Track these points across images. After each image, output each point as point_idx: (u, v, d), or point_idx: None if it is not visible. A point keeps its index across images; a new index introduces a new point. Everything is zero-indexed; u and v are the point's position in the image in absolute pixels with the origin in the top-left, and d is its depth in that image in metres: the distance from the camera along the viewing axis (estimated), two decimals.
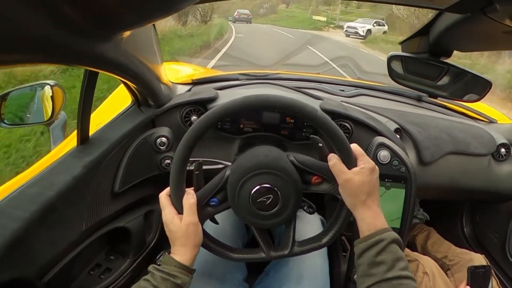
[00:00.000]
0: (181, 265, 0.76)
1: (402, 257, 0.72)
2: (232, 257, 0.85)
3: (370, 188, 0.76)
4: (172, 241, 0.80)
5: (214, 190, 0.82)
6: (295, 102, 0.73)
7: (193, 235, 0.78)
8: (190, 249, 0.78)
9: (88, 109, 0.96)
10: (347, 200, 0.78)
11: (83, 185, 0.95)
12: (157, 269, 0.75)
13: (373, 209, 0.76)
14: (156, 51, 1.07)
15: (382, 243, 0.71)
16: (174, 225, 0.78)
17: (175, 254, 0.78)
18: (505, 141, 1.38)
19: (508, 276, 1.44)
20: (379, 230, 0.73)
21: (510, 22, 0.77)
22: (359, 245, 0.74)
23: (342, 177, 0.75)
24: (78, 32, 0.54)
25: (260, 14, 45.16)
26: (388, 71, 1.27)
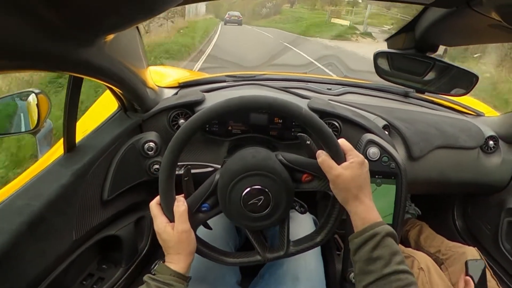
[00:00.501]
0: (176, 273, 0.75)
1: (398, 250, 0.71)
2: (227, 262, 0.85)
3: (361, 182, 0.75)
4: (165, 250, 0.79)
5: (204, 195, 0.81)
6: (279, 101, 0.73)
7: (186, 243, 0.77)
8: (184, 257, 0.78)
9: (74, 116, 0.94)
10: (339, 195, 0.77)
11: (72, 194, 0.94)
12: (152, 278, 0.74)
13: (366, 202, 0.76)
14: (141, 55, 1.06)
15: (377, 237, 0.71)
16: (167, 234, 0.77)
17: (170, 262, 0.77)
18: (493, 134, 1.40)
19: (502, 267, 1.45)
20: (373, 224, 0.73)
21: (495, 15, 0.77)
22: (354, 240, 0.73)
23: (332, 173, 0.75)
24: (59, 37, 0.53)
25: (262, 14, 42.33)
26: (375, 68, 1.27)
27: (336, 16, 28.53)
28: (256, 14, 43.56)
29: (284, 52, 11.86)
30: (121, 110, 1.15)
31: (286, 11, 40.05)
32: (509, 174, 1.43)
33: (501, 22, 0.79)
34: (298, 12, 37.11)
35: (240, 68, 7.07)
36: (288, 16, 35.51)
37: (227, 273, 1.04)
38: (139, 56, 1.03)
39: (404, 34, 1.16)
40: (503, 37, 1.01)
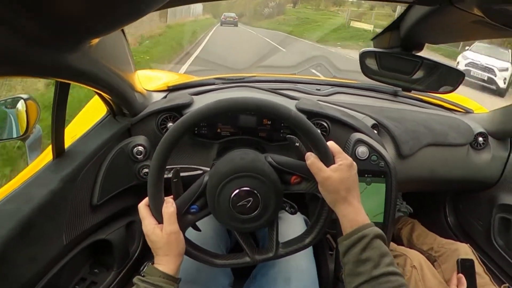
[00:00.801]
0: (166, 275, 0.75)
1: (387, 252, 0.72)
2: (217, 264, 0.85)
3: (350, 184, 0.76)
4: (154, 252, 0.79)
5: (193, 197, 0.81)
6: (268, 103, 0.73)
7: (175, 244, 0.77)
8: (173, 259, 0.77)
9: (62, 121, 0.94)
10: (328, 197, 0.77)
11: (61, 199, 0.94)
12: (142, 280, 0.74)
13: (354, 205, 0.76)
14: (128, 58, 1.06)
15: (365, 239, 0.71)
16: (155, 235, 0.76)
17: (159, 264, 0.77)
18: (482, 130, 1.41)
19: (495, 262, 1.46)
20: (361, 226, 0.73)
21: (478, 11, 0.78)
22: (343, 243, 0.74)
23: (321, 175, 0.75)
24: (42, 44, 0.53)
25: (264, 14, 39.57)
26: (361, 68, 1.28)
27: (357, 18, 23.33)
28: (258, 14, 41.14)
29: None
30: (110, 114, 1.15)
31: (290, 11, 37.01)
32: (499, 170, 1.44)
33: (483, 18, 0.80)
34: (302, 12, 34.43)
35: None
36: (292, 16, 32.93)
37: (219, 275, 1.04)
38: (126, 60, 1.03)
39: (390, 33, 1.17)
40: (486, 33, 1.02)
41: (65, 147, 1.00)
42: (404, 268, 1.25)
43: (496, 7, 0.72)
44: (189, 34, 15.06)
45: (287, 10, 37.83)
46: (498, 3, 0.71)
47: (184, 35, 14.25)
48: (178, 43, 11.75)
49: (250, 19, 38.58)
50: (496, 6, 0.72)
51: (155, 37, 12.51)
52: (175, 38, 12.82)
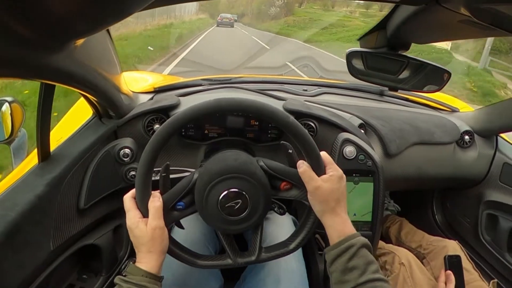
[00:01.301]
0: (148, 273, 0.73)
1: (373, 260, 0.73)
2: (198, 264, 0.84)
3: (339, 196, 0.77)
4: (137, 248, 0.77)
5: (181, 193, 0.80)
6: (269, 107, 0.73)
7: (159, 240, 0.76)
8: (156, 255, 0.76)
9: (47, 124, 0.92)
10: (316, 207, 0.78)
11: (47, 203, 0.92)
12: (124, 280, 0.72)
13: (342, 215, 0.77)
14: (115, 60, 1.04)
15: (352, 249, 0.72)
16: (139, 230, 0.75)
17: (141, 262, 0.75)
18: (468, 128, 1.42)
19: (483, 258, 1.48)
20: (348, 236, 0.74)
21: (464, 11, 0.78)
22: (331, 252, 0.75)
23: (312, 184, 0.76)
24: (25, 45, 0.52)
25: (270, 14, 35.12)
26: (348, 68, 1.28)
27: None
28: (263, 15, 36.62)
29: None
30: (96, 117, 1.13)
31: (300, 11, 32.52)
32: (485, 168, 1.46)
33: (470, 18, 0.80)
34: (312, 12, 30.81)
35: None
36: (304, 17, 28.77)
37: (209, 277, 1.04)
38: (112, 61, 1.02)
39: (376, 32, 1.18)
40: (473, 33, 1.04)
41: (51, 150, 0.99)
42: (392, 265, 1.26)
43: (483, 6, 0.73)
44: (171, 40, 14.01)
45: (297, 10, 33.29)
46: (485, 3, 0.72)
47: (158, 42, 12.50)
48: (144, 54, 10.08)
49: (253, 20, 35.65)
50: (483, 5, 0.73)
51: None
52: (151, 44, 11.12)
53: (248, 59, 9.96)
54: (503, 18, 0.77)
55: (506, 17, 0.75)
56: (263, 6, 37.39)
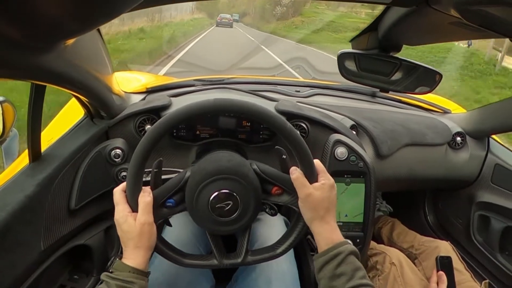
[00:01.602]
0: (135, 270, 0.73)
1: (360, 267, 0.74)
2: (184, 263, 0.84)
3: (329, 204, 0.78)
4: (124, 243, 0.76)
5: (172, 190, 0.80)
6: (268, 112, 0.74)
7: (147, 236, 0.75)
8: (143, 251, 0.75)
9: (38, 125, 0.92)
10: (306, 214, 0.79)
11: (38, 204, 0.92)
12: (111, 277, 0.71)
13: (331, 224, 0.78)
14: (106, 60, 1.04)
15: (340, 256, 0.73)
16: (128, 224, 0.74)
17: (127, 258, 0.74)
18: (460, 130, 1.43)
19: (475, 259, 1.49)
20: (337, 244, 0.75)
21: (454, 12, 0.79)
22: (319, 259, 0.76)
23: (303, 191, 0.76)
24: (14, 45, 0.52)
25: (276, 15, 32.34)
26: (339, 69, 1.28)
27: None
28: (268, 14, 33.78)
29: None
30: (88, 117, 1.13)
31: (308, 11, 29.12)
32: (477, 169, 1.47)
33: (460, 19, 0.81)
34: (321, 13, 27.56)
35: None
36: (314, 18, 25.99)
37: (200, 278, 1.03)
38: (103, 61, 1.01)
39: (368, 34, 1.18)
40: (464, 35, 1.04)
41: (42, 150, 0.98)
42: (383, 265, 1.27)
43: (473, 8, 0.74)
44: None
45: (306, 10, 29.59)
46: (474, 4, 0.72)
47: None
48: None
49: (256, 20, 33.35)
50: (472, 7, 0.73)
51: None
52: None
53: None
54: (492, 20, 0.77)
55: (495, 18, 0.75)
56: (267, 5, 34.48)
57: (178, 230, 1.13)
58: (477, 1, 0.71)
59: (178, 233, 1.10)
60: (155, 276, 0.98)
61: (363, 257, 1.19)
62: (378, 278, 1.27)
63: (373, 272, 1.31)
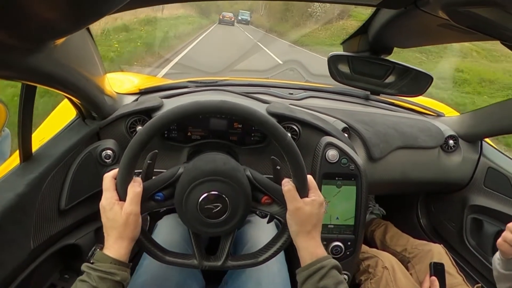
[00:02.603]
0: (117, 261, 0.72)
1: (342, 280, 0.74)
2: (164, 259, 0.83)
3: (316, 221, 0.79)
4: (107, 231, 0.75)
5: (162, 184, 0.79)
6: (272, 122, 0.74)
7: (132, 227, 0.74)
8: (126, 242, 0.74)
9: (29, 124, 0.92)
10: (293, 227, 0.79)
11: (28, 203, 0.92)
12: (92, 268, 0.70)
13: (316, 239, 0.79)
14: (97, 61, 1.04)
15: (323, 270, 0.74)
16: (114, 212, 0.73)
17: (109, 248, 0.73)
18: (453, 133, 1.43)
19: (468, 262, 1.49)
20: (320, 258, 0.76)
21: (443, 14, 0.79)
22: (302, 273, 0.76)
23: (294, 204, 0.77)
24: (2, 45, 0.52)
25: (314, 15, 22.25)
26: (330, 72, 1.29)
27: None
28: (295, 15, 24.84)
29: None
30: (79, 118, 1.13)
31: (358, 14, 19.46)
32: (470, 172, 1.47)
33: (449, 21, 0.81)
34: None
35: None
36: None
37: (190, 280, 1.03)
38: (93, 62, 1.02)
39: (359, 36, 1.19)
40: (453, 37, 1.05)
41: (33, 151, 0.99)
42: (375, 268, 1.27)
43: (461, 9, 0.74)
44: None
45: (355, 12, 20.13)
46: (462, 6, 0.73)
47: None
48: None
49: (269, 21, 30.52)
50: (461, 8, 0.74)
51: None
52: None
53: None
54: (480, 21, 0.78)
55: (483, 20, 0.76)
56: (278, 14, 26.56)
57: (167, 232, 1.13)
58: (464, 2, 0.71)
59: (167, 235, 1.11)
60: (143, 277, 0.98)
61: (355, 260, 1.19)
62: (370, 281, 1.27)
63: (365, 275, 1.31)
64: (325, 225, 1.13)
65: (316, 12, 23.33)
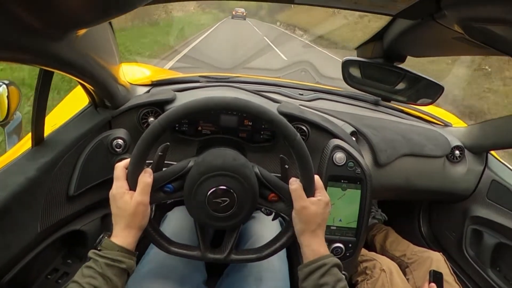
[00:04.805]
0: (123, 249, 0.74)
1: (342, 278, 0.76)
2: (169, 250, 0.85)
3: (321, 220, 0.80)
4: (115, 220, 0.77)
5: (172, 176, 0.81)
6: (282, 120, 0.76)
7: (140, 216, 0.76)
8: (134, 231, 0.76)
9: (43, 109, 0.94)
10: (298, 225, 0.81)
11: (37, 187, 0.93)
12: (99, 255, 0.72)
13: (320, 237, 0.81)
14: (114, 51, 1.05)
15: (325, 267, 0.75)
16: (124, 201, 0.75)
17: (116, 236, 0.75)
18: (459, 144, 1.44)
19: (465, 272, 1.49)
20: (322, 256, 0.78)
21: (458, 28, 0.80)
22: (304, 270, 0.78)
23: (300, 203, 0.79)
24: (28, 31, 0.53)
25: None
26: (343, 76, 1.30)
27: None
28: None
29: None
30: (92, 105, 1.14)
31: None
32: (474, 183, 1.47)
33: (463, 35, 0.82)
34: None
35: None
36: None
37: (193, 272, 1.05)
38: (111, 52, 1.03)
39: (373, 43, 1.19)
40: (466, 50, 1.05)
41: (45, 135, 1.00)
42: (373, 270, 1.28)
43: (476, 25, 0.75)
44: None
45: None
46: (478, 22, 0.73)
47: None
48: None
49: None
50: (476, 24, 0.75)
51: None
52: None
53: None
54: (494, 38, 0.78)
55: (497, 36, 0.76)
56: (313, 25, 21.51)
57: (177, 223, 1.14)
58: (480, 18, 0.72)
59: (176, 226, 1.12)
60: (149, 266, 1.00)
61: (354, 261, 1.20)
62: (367, 282, 1.28)
63: (362, 276, 1.32)
64: (327, 226, 1.14)
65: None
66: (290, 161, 0.84)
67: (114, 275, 0.71)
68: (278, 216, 0.91)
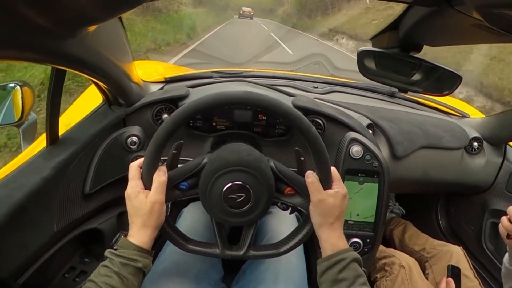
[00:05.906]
0: (140, 248, 0.74)
1: (362, 274, 0.75)
2: (186, 248, 0.84)
3: (340, 213, 0.79)
4: (131, 219, 0.77)
5: (187, 174, 0.80)
6: (296, 113, 0.74)
7: (156, 215, 0.75)
8: (150, 230, 0.76)
9: (57, 109, 0.94)
10: (316, 219, 0.79)
11: (53, 186, 0.93)
12: (115, 254, 0.72)
13: (338, 231, 0.79)
14: (126, 48, 1.05)
15: (344, 262, 0.74)
16: (139, 200, 0.75)
17: (133, 236, 0.75)
18: (478, 135, 1.41)
19: (484, 267, 1.47)
20: (341, 250, 0.76)
21: (477, 15, 0.77)
22: (322, 264, 0.76)
23: (317, 196, 0.77)
24: (40, 30, 0.53)
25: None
26: (359, 67, 1.27)
27: None
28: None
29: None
30: (106, 104, 1.15)
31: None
32: (492, 175, 1.44)
33: (483, 22, 0.80)
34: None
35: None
36: None
37: (209, 270, 1.04)
38: (123, 49, 1.02)
39: (388, 33, 1.17)
40: (486, 38, 1.02)
41: (59, 134, 1.00)
42: (392, 266, 1.27)
43: (496, 11, 0.72)
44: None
45: None
46: (498, 7, 0.71)
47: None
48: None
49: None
50: (496, 10, 0.72)
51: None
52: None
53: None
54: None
55: None
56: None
57: (192, 220, 1.14)
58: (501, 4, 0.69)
59: (192, 223, 1.12)
60: (165, 264, 0.99)
61: (372, 257, 1.19)
62: (386, 279, 1.26)
63: (381, 273, 1.31)
64: (345, 221, 1.13)
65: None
66: (306, 155, 0.82)
67: (129, 274, 0.71)
68: (295, 210, 0.90)
